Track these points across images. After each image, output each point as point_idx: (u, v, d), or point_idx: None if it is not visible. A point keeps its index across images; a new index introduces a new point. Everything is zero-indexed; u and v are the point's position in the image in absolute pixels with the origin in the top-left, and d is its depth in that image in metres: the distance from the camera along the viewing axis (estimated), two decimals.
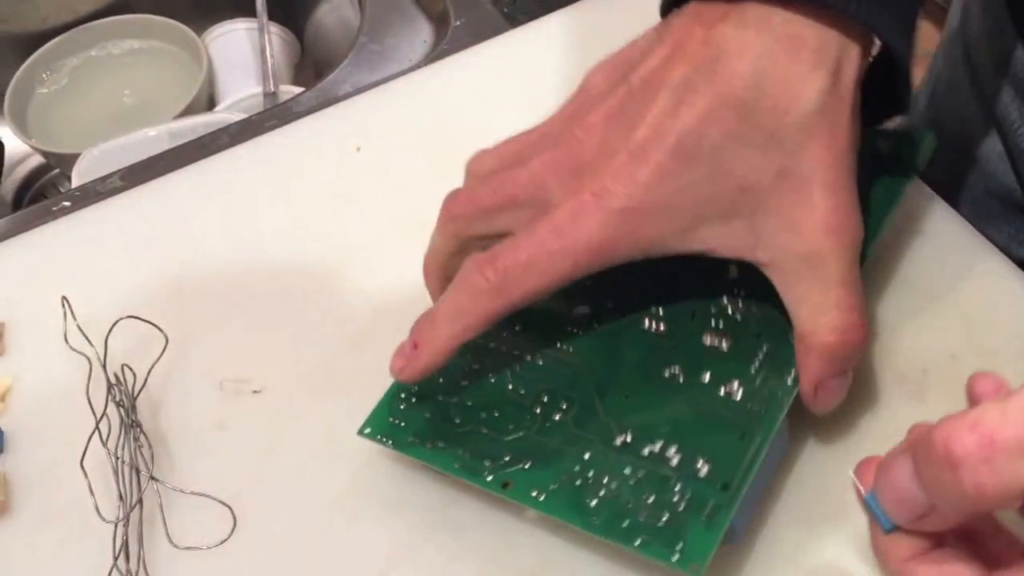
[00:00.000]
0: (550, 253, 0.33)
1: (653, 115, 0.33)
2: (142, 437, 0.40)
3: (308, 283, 0.45)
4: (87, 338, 0.42)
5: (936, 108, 0.56)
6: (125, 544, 0.37)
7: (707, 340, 0.37)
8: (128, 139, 0.64)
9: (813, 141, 0.33)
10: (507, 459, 0.35)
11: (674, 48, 0.34)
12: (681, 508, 0.33)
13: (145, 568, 0.37)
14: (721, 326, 0.37)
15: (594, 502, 0.34)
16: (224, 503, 0.38)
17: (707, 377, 0.36)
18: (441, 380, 0.38)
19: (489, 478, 0.35)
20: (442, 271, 0.38)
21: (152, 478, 0.39)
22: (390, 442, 0.37)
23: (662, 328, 0.38)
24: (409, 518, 0.37)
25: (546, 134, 0.36)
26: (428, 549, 0.37)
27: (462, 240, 0.36)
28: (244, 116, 0.59)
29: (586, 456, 0.35)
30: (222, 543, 0.37)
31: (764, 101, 0.32)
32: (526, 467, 0.35)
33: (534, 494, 0.34)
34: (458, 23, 0.58)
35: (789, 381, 0.35)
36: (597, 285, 0.38)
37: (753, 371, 0.36)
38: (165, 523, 0.38)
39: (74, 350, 0.42)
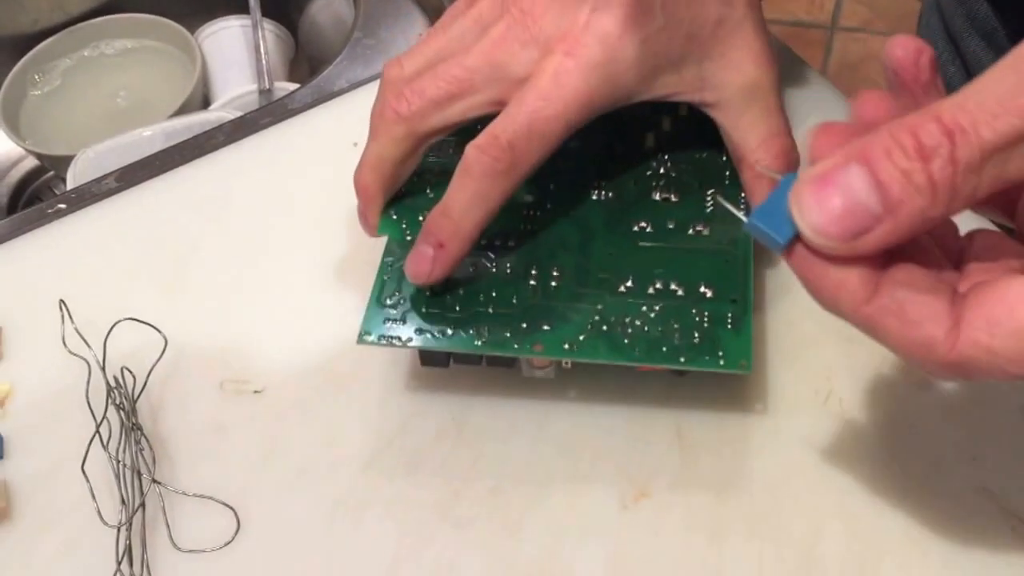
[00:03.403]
0: (546, 119, 0.35)
1: None
2: (143, 440, 0.39)
3: (307, 281, 0.45)
4: (86, 341, 0.41)
5: None
6: (128, 548, 0.36)
7: (656, 196, 0.40)
8: (123, 140, 0.63)
9: None
10: (525, 326, 0.36)
11: None
12: (706, 325, 0.36)
13: (149, 572, 0.36)
14: (663, 183, 0.41)
15: (627, 340, 0.36)
16: (227, 505, 0.38)
17: (672, 224, 0.39)
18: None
19: (516, 346, 0.36)
20: (389, 180, 0.38)
21: (154, 481, 0.38)
22: (395, 340, 0.37)
23: (611, 195, 0.41)
24: (414, 517, 0.37)
25: (477, 19, 0.37)
26: (433, 548, 0.36)
27: (415, 139, 0.37)
28: (239, 114, 0.58)
29: (599, 306, 0.37)
30: (226, 545, 0.37)
31: None
32: (547, 328, 0.36)
33: (567, 347, 0.36)
34: None
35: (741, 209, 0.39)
36: (537, 173, 0.39)
37: (709, 211, 0.39)
38: (168, 526, 0.37)
39: (73, 353, 0.42)
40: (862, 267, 0.26)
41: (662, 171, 0.41)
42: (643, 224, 0.39)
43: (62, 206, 0.50)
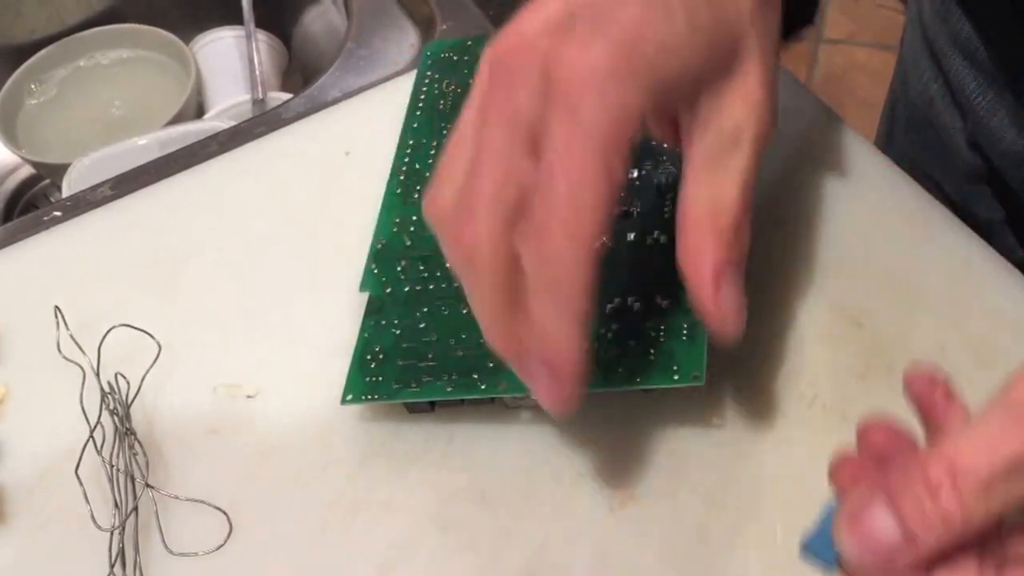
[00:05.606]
0: (584, 176, 0.29)
1: None
2: (136, 444, 0.39)
3: (300, 288, 0.45)
4: (80, 347, 0.42)
5: (906, 91, 0.58)
6: (121, 552, 0.37)
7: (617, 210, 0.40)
8: (118, 148, 0.63)
9: (762, 19, 0.32)
10: (492, 365, 0.37)
11: None
12: (662, 339, 0.36)
13: (141, 575, 0.37)
14: (624, 196, 0.40)
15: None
16: (220, 509, 0.38)
17: (632, 236, 0.40)
18: (398, 332, 0.39)
19: (483, 387, 0.37)
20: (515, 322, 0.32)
21: (147, 485, 0.39)
22: (376, 396, 0.38)
23: None
24: (405, 520, 0.37)
25: (477, 105, 0.32)
26: (424, 551, 0.37)
27: (514, 260, 0.31)
28: (233, 123, 0.58)
29: None
30: (218, 549, 0.37)
31: None
32: None
33: None
34: (444, 27, 0.58)
35: None
36: None
37: (667, 215, 0.39)
38: (161, 530, 0.38)
39: (67, 359, 0.42)
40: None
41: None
42: (603, 240, 0.40)
43: (57, 214, 0.50)
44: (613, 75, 0.29)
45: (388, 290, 0.41)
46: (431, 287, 0.41)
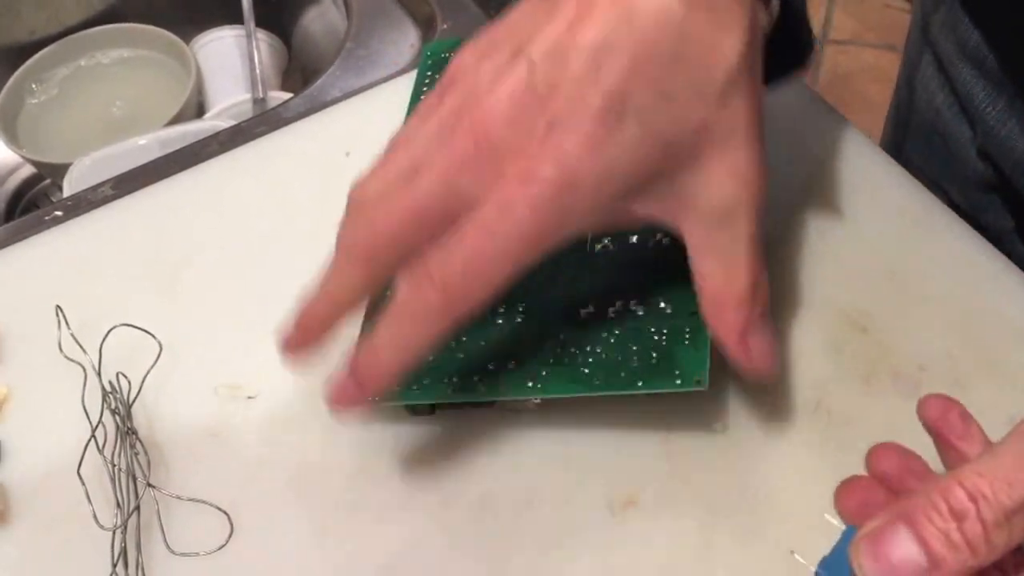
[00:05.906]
0: (489, 258, 0.31)
1: (569, 81, 0.31)
2: (138, 444, 0.40)
3: (300, 287, 0.45)
4: (81, 346, 0.42)
5: (911, 98, 0.57)
6: (123, 551, 0.37)
7: None
8: (118, 148, 0.63)
9: (736, 94, 0.32)
10: (492, 367, 0.37)
11: (578, 11, 0.31)
12: (664, 343, 0.36)
13: (143, 574, 0.37)
14: None
15: (587, 369, 0.36)
16: (221, 509, 0.38)
17: (634, 238, 0.39)
18: None
19: (484, 389, 0.37)
20: (343, 315, 0.35)
21: (149, 485, 0.39)
22: (377, 397, 0.38)
23: None
24: (405, 521, 0.38)
25: (434, 133, 0.33)
26: (424, 552, 0.37)
27: (375, 281, 0.34)
28: (233, 123, 0.58)
29: (561, 336, 0.37)
30: (219, 549, 0.37)
31: (689, 52, 0.31)
32: (512, 366, 0.37)
33: (530, 384, 0.36)
34: (444, 26, 0.58)
35: None
36: None
37: None
38: (163, 530, 0.38)
39: (69, 359, 0.42)
40: None
41: None
42: (605, 243, 0.40)
43: (59, 213, 0.50)
44: (553, 201, 0.31)
45: (388, 291, 0.41)
46: None
